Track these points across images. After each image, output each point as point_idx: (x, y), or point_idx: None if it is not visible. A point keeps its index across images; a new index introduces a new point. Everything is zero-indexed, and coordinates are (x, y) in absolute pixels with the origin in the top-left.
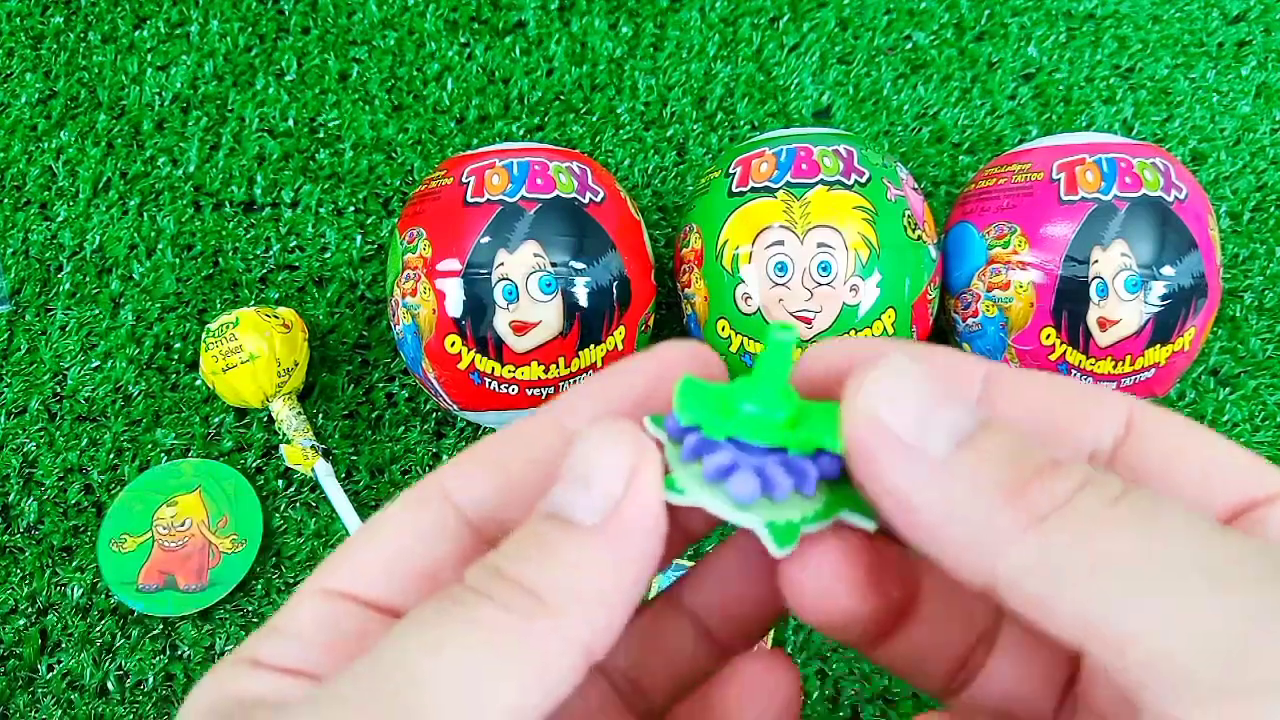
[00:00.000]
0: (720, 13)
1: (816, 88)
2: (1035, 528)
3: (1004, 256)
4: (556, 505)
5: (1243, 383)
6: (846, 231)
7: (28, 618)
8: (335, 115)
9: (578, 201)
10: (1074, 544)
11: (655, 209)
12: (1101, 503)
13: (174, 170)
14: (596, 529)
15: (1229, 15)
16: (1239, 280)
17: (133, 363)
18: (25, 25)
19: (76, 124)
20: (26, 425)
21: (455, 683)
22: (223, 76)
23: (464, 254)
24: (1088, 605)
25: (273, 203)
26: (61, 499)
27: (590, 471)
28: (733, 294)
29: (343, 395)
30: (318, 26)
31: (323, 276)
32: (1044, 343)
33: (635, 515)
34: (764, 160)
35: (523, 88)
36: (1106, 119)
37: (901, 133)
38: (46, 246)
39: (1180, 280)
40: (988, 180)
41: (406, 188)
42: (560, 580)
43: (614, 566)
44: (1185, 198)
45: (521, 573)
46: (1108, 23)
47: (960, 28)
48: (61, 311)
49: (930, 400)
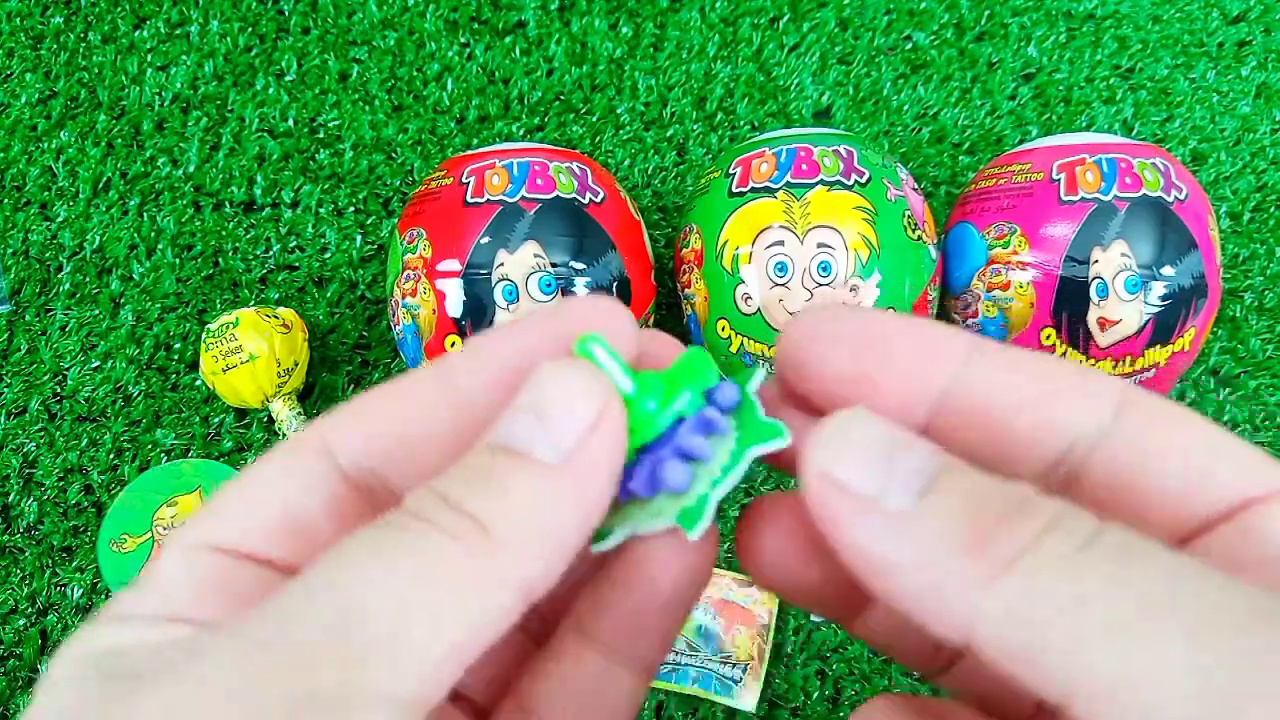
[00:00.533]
0: (720, 13)
1: (816, 88)
2: (1001, 577)
3: (1004, 257)
4: (510, 438)
5: (1243, 383)
6: (846, 232)
7: (28, 618)
8: (335, 115)
9: (578, 202)
10: (1043, 592)
11: (655, 209)
12: (1071, 546)
13: (174, 170)
14: (556, 466)
15: (1229, 15)
16: (1239, 280)
17: (133, 363)
18: (25, 25)
19: (76, 124)
20: (26, 425)
21: (396, 616)
22: (223, 76)
23: (464, 254)
24: (1062, 659)
25: (273, 203)
26: (61, 499)
27: (554, 407)
28: (733, 294)
29: (343, 395)
30: (318, 26)
31: (323, 276)
32: (1044, 343)
33: (599, 456)
34: (764, 160)
35: (523, 88)
36: (1106, 119)
37: (901, 133)
38: (46, 246)
39: (1180, 280)
40: (988, 180)
41: (406, 188)
42: (512, 514)
43: (571, 505)
44: (1185, 198)
45: (471, 503)
46: (1108, 23)
47: (960, 28)
48: (61, 311)
49: (883, 451)
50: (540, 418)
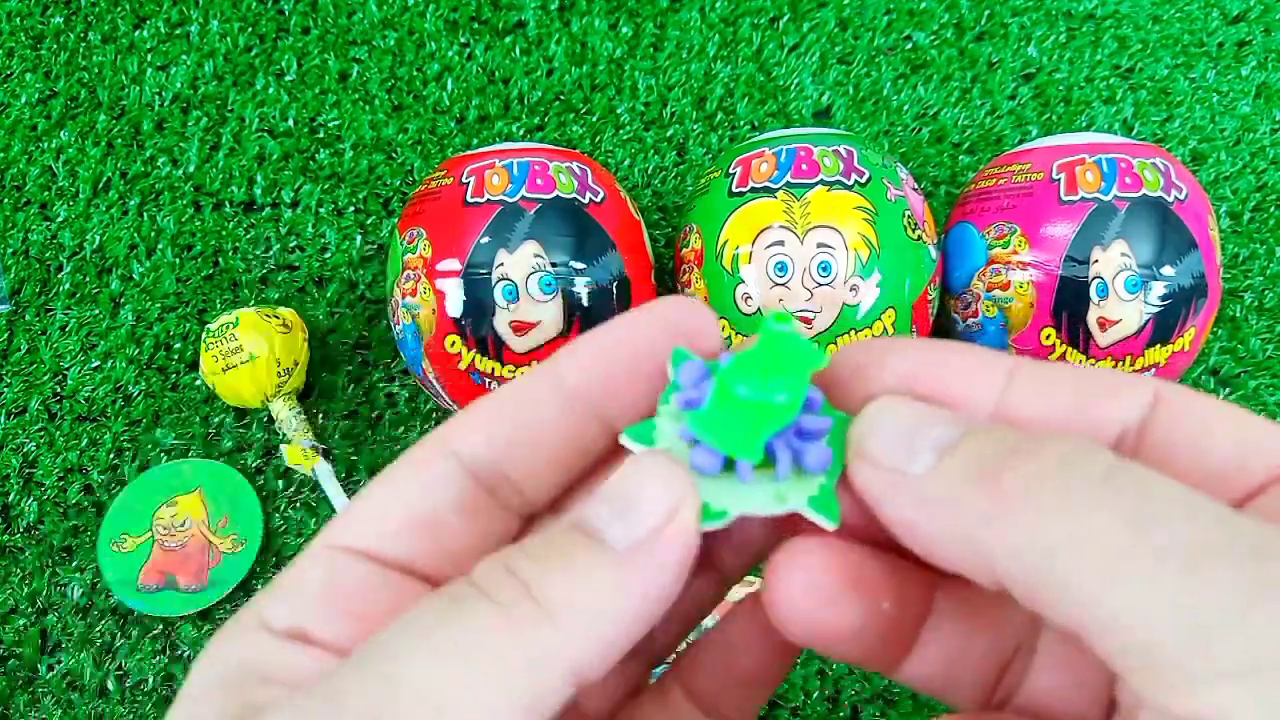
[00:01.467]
0: (720, 13)
1: (816, 88)
2: (1012, 511)
3: (1004, 256)
4: (586, 520)
5: (1243, 383)
6: (846, 231)
7: (28, 618)
8: (335, 115)
9: (578, 201)
10: (1053, 523)
11: (655, 209)
12: (1084, 479)
13: (174, 170)
14: (624, 553)
15: (1229, 15)
16: (1239, 280)
17: (133, 363)
18: (25, 25)
19: (76, 124)
20: (26, 425)
21: (441, 694)
22: (223, 76)
23: (464, 254)
24: (1073, 589)
25: (273, 203)
26: (61, 499)
27: (633, 496)
28: (733, 294)
29: (343, 395)
30: (318, 26)
31: (323, 276)
32: (1044, 343)
33: (669, 550)
34: (764, 160)
35: (523, 88)
36: (1106, 119)
37: (901, 133)
38: (46, 246)
39: (1180, 280)
40: (988, 180)
41: (406, 188)
42: (568, 591)
43: (628, 592)
44: (1185, 198)
45: (531, 574)
46: (1108, 23)
47: (960, 28)
48: (61, 311)
49: (912, 424)
50: (618, 504)
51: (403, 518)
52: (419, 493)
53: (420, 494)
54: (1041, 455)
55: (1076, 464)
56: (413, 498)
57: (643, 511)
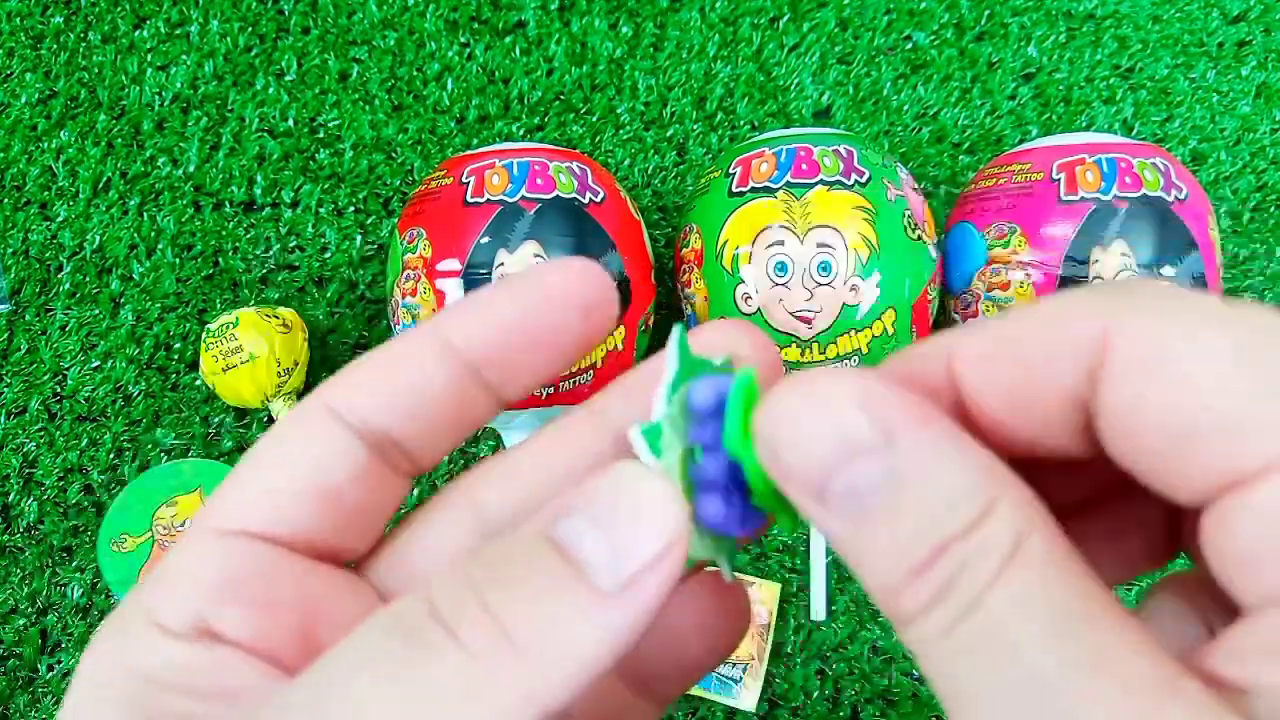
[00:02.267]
0: (720, 13)
1: (816, 88)
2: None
3: (1004, 256)
4: (565, 538)
5: None
6: (847, 231)
7: (28, 618)
8: (335, 115)
9: (578, 201)
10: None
11: (655, 209)
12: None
13: (174, 170)
14: (606, 594)
15: (1229, 15)
16: (1239, 280)
17: (133, 363)
18: (25, 25)
19: (76, 124)
20: (26, 425)
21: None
22: (223, 76)
23: (464, 254)
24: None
25: (273, 203)
26: (61, 499)
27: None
28: (733, 294)
29: None
30: (318, 26)
31: (323, 276)
32: None
33: (649, 594)
34: (764, 160)
35: (523, 88)
36: (1106, 119)
37: (901, 133)
38: (46, 246)
39: (1180, 280)
40: (988, 180)
41: (406, 188)
42: (541, 628)
43: (609, 633)
44: (1185, 198)
45: (499, 605)
46: (1108, 23)
47: (960, 28)
48: (61, 311)
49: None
50: (604, 531)
51: (293, 491)
52: (308, 462)
53: (310, 463)
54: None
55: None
56: (301, 468)
57: (638, 551)
